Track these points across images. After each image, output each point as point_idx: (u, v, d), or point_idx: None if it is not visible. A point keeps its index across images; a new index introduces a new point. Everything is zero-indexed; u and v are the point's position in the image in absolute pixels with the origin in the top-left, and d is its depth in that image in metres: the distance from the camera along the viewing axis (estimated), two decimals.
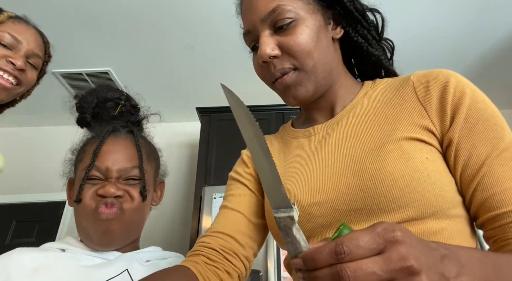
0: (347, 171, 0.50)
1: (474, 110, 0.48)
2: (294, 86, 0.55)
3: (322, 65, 0.55)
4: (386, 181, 0.46)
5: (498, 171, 0.44)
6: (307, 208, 0.52)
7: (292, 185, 0.55)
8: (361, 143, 0.52)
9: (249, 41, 0.59)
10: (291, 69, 0.54)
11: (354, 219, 0.48)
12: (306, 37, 0.52)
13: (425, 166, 0.46)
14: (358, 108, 0.57)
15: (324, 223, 0.51)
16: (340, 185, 0.50)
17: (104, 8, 2.00)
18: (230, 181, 0.70)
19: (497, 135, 0.47)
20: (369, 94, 0.58)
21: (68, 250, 0.69)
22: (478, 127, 0.47)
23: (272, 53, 0.53)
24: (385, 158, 0.47)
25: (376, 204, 0.46)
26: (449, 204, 0.47)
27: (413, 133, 0.49)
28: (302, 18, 0.53)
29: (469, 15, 2.12)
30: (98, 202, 0.66)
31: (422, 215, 0.45)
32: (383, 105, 0.55)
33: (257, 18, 0.54)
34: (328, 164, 0.53)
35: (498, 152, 0.45)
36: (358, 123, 0.55)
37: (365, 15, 0.58)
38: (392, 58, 0.64)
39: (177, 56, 2.41)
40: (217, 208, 2.02)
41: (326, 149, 0.56)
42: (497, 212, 0.43)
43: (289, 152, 0.62)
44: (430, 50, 2.38)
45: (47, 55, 0.93)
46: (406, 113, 0.52)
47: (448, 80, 0.50)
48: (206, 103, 2.59)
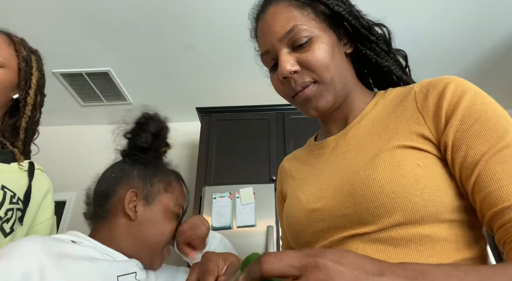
0: (343, 180, 0.54)
1: (472, 111, 0.48)
2: (315, 98, 0.58)
3: (339, 77, 0.59)
4: (374, 187, 0.49)
5: (496, 169, 0.43)
6: (309, 214, 0.57)
7: (301, 193, 0.60)
8: (362, 153, 0.55)
9: (268, 61, 0.63)
10: (311, 82, 0.58)
11: (348, 224, 0.52)
12: (323, 52, 0.57)
13: (414, 172, 0.48)
14: (366, 119, 0.60)
15: (323, 227, 0.55)
16: (336, 193, 0.54)
17: (104, 8, 2.00)
18: (277, 207, 0.82)
19: (496, 134, 0.45)
20: (379, 104, 0.61)
21: (80, 243, 0.68)
22: (475, 127, 0.46)
23: (293, 68, 0.57)
24: (376, 166, 0.50)
25: (365, 209, 0.49)
26: (441, 209, 0.47)
27: (408, 142, 0.51)
28: (317, 35, 0.57)
29: (470, 16, 2.11)
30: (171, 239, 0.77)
31: (410, 220, 0.47)
32: (387, 115, 0.57)
33: (275, 39, 0.58)
34: (332, 174, 0.57)
35: (496, 150, 0.44)
36: (363, 134, 0.58)
37: (371, 29, 0.62)
38: (407, 67, 0.66)
39: (177, 56, 2.41)
40: (217, 208, 2.03)
41: (333, 160, 0.60)
42: (495, 209, 0.42)
43: (307, 163, 0.67)
44: (430, 51, 2.38)
45: (17, 52, 0.86)
46: (404, 122, 0.53)
47: (446, 86, 0.51)
48: (206, 103, 2.59)
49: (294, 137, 2.36)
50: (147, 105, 0.80)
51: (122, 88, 2.70)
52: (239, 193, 2.06)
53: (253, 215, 1.98)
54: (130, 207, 0.72)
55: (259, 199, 2.02)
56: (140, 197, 0.73)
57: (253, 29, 0.68)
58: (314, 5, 0.59)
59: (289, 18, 0.57)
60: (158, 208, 0.74)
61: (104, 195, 0.74)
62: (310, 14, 0.58)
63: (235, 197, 2.05)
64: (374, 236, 0.49)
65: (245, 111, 2.52)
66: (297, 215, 0.59)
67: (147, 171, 0.77)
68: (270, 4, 0.61)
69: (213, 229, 1.97)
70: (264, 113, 2.49)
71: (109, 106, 2.92)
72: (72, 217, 2.73)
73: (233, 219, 1.98)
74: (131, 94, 2.80)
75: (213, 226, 1.96)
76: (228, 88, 2.74)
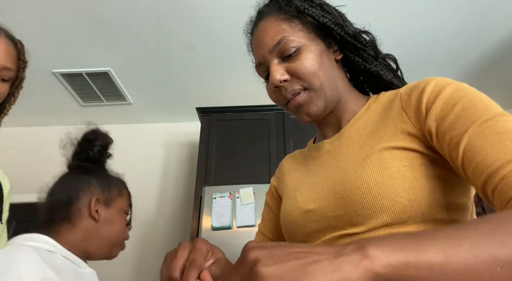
0: (335, 182, 0.56)
1: (452, 97, 0.48)
2: (307, 104, 0.61)
3: (329, 83, 0.61)
4: (362, 189, 0.51)
5: (478, 142, 0.42)
6: (304, 214, 0.59)
7: (298, 194, 0.63)
8: (353, 156, 0.57)
9: (261, 72, 0.67)
10: (301, 89, 0.61)
11: (339, 225, 0.54)
12: (310, 61, 0.60)
13: (401, 173, 0.49)
14: (359, 122, 0.62)
15: (316, 228, 0.57)
16: (329, 195, 0.56)
17: (104, 8, 2.00)
18: (266, 198, 0.82)
19: (478, 112, 0.45)
20: (371, 107, 0.63)
21: (54, 253, 0.77)
22: (456, 109, 0.46)
23: (282, 78, 0.60)
24: (365, 168, 0.52)
25: (354, 211, 0.51)
26: (428, 209, 0.48)
27: (395, 142, 0.53)
28: (304, 45, 0.60)
29: (467, 15, 2.12)
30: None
31: (398, 220, 0.48)
32: (378, 119, 0.59)
33: (266, 51, 0.62)
34: (326, 176, 0.60)
35: (476, 125, 0.44)
36: (355, 137, 0.60)
37: (358, 37, 0.64)
38: (398, 70, 0.68)
39: (177, 56, 2.41)
40: (217, 208, 2.03)
41: (328, 162, 0.62)
42: (483, 176, 0.41)
43: (305, 165, 0.70)
44: (430, 51, 2.38)
45: (21, 62, 0.88)
46: (391, 122, 0.56)
47: (427, 84, 0.52)
48: (206, 103, 2.59)
49: (294, 137, 2.36)
50: (91, 122, 0.96)
51: (122, 88, 2.70)
52: (239, 193, 2.06)
53: (253, 215, 1.98)
54: (95, 210, 0.86)
55: (259, 199, 2.02)
56: (101, 201, 0.89)
57: (249, 43, 0.72)
58: (302, 17, 0.62)
59: (277, 31, 0.61)
60: (115, 209, 0.91)
61: (67, 202, 0.86)
62: (298, 26, 0.61)
63: (235, 197, 2.05)
64: (363, 236, 0.51)
65: (245, 111, 2.52)
66: (293, 214, 0.62)
67: (103, 179, 0.92)
68: (261, 19, 0.65)
69: (213, 229, 1.97)
70: (264, 113, 2.49)
71: (109, 106, 2.92)
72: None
73: (233, 219, 1.98)
74: (131, 94, 2.80)
75: (213, 226, 1.97)
76: (228, 88, 2.74)
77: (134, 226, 0.99)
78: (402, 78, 0.69)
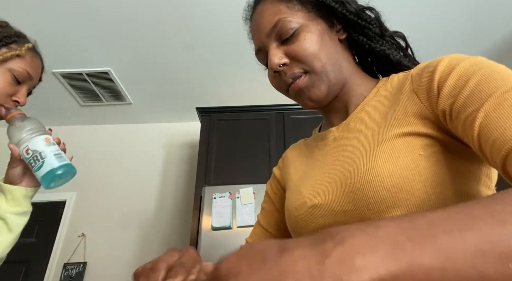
0: (344, 174, 0.52)
1: (467, 72, 0.43)
2: (308, 88, 0.57)
3: (332, 65, 0.57)
4: (374, 181, 0.46)
5: (495, 116, 0.37)
6: (310, 209, 0.55)
7: (303, 187, 0.59)
8: (363, 144, 0.52)
9: (261, 58, 0.63)
10: (302, 73, 0.56)
11: (348, 220, 0.49)
12: (309, 42, 0.56)
13: (417, 163, 0.45)
14: (367, 108, 0.58)
15: (324, 224, 0.53)
16: (337, 188, 0.52)
17: (104, 8, 2.00)
18: (266, 188, 0.80)
19: (494, 84, 0.39)
20: (381, 91, 0.58)
21: None
22: (470, 84, 0.41)
23: (281, 62, 0.56)
24: (376, 158, 0.48)
25: (365, 205, 0.47)
26: (447, 201, 0.44)
27: (407, 127, 0.48)
28: (303, 25, 0.57)
29: (467, 14, 2.12)
30: None
31: None
32: (387, 103, 0.55)
33: (263, 35, 0.58)
34: (333, 167, 0.55)
35: (493, 99, 0.38)
36: (364, 123, 0.55)
37: (360, 15, 0.60)
38: (407, 48, 0.63)
39: (177, 56, 2.41)
40: (217, 208, 2.03)
41: (335, 152, 0.58)
42: (503, 152, 0.36)
43: (310, 156, 0.65)
44: (430, 51, 2.38)
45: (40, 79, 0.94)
46: (402, 107, 0.51)
47: (440, 61, 0.47)
48: (206, 103, 2.59)
49: (294, 137, 2.35)
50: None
51: (122, 88, 2.70)
52: (239, 193, 2.06)
53: (253, 215, 1.97)
54: None
55: (259, 199, 2.02)
56: None
57: (249, 31, 0.68)
58: None
59: (274, 13, 0.57)
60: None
61: None
62: (296, 6, 0.58)
63: (235, 197, 2.05)
64: None
65: (245, 111, 2.52)
66: (299, 210, 0.58)
67: None
68: (259, 3, 0.62)
69: (213, 229, 1.98)
70: (264, 113, 2.49)
71: (109, 106, 2.93)
72: (72, 216, 2.74)
73: (233, 219, 1.98)
74: (131, 94, 2.80)
75: (213, 226, 1.97)
76: (228, 88, 2.74)
77: (134, 226, 0.96)
78: (414, 57, 0.63)
